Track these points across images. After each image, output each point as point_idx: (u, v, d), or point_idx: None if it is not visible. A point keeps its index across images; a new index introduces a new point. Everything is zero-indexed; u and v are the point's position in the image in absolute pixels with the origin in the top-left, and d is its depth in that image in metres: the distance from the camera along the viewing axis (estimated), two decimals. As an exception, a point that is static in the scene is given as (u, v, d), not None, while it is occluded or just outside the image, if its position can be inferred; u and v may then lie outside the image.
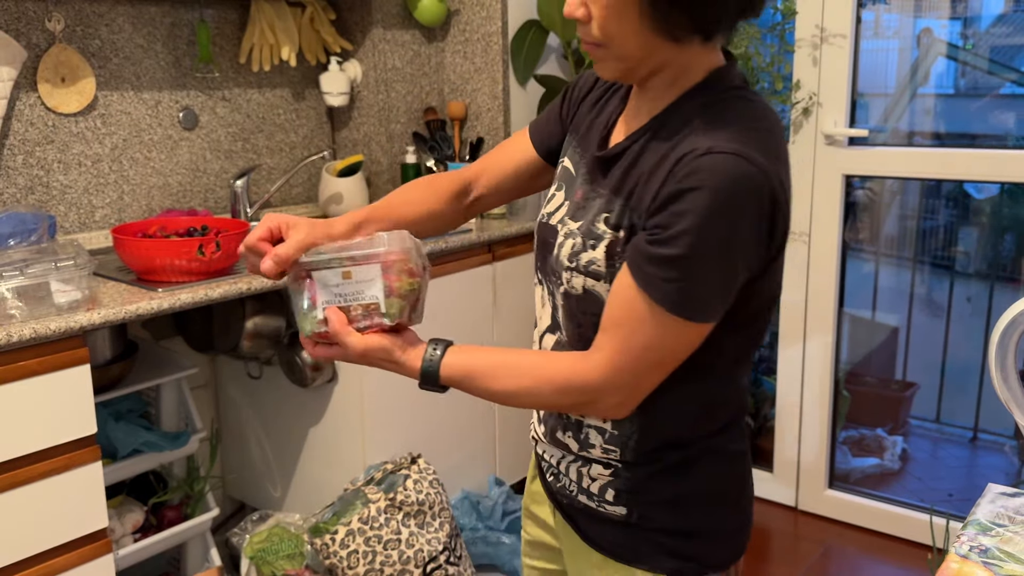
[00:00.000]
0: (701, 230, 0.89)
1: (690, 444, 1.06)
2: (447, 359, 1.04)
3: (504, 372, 1.03)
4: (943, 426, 3.30)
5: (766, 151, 0.92)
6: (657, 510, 1.07)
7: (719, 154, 0.90)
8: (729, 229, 0.90)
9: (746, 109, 0.97)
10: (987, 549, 1.08)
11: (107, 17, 2.29)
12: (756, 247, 0.94)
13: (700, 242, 0.90)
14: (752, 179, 0.90)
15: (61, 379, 1.68)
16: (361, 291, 1.03)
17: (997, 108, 2.92)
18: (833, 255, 2.74)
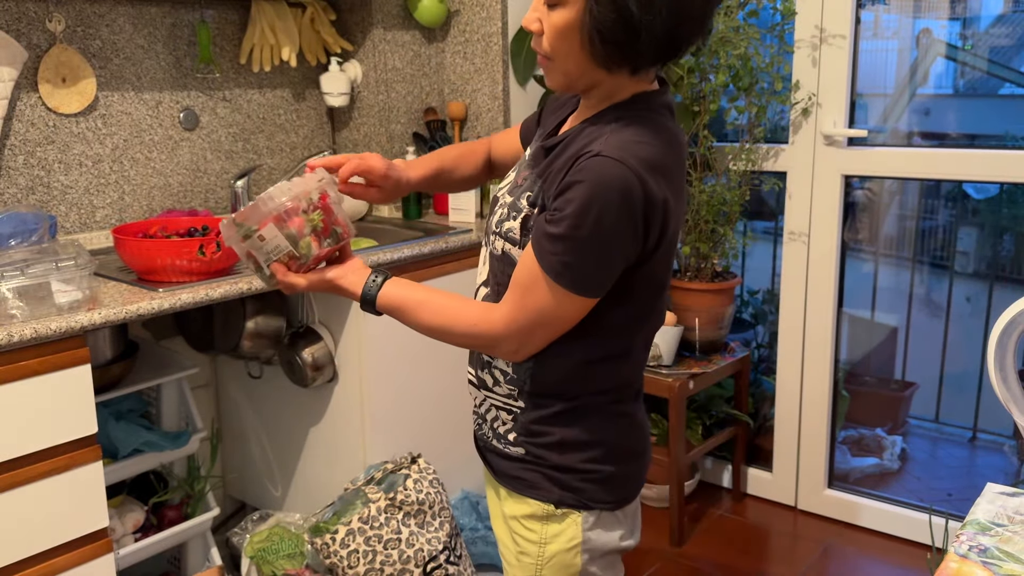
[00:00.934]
0: (578, 217, 1.09)
1: (575, 398, 1.24)
2: (385, 288, 1.25)
3: (427, 309, 1.24)
4: (942, 426, 3.30)
5: (646, 162, 1.10)
6: (546, 450, 1.26)
7: (604, 157, 1.09)
8: (600, 220, 1.08)
9: (647, 127, 1.14)
10: (986, 549, 1.08)
11: (108, 18, 2.30)
12: (631, 240, 1.12)
13: (577, 227, 1.09)
14: (624, 181, 1.08)
15: (62, 379, 1.69)
16: (278, 246, 1.22)
17: (996, 108, 2.93)
18: (832, 255, 2.75)
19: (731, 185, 2.73)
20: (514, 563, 1.31)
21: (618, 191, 1.08)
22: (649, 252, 1.15)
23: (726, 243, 2.77)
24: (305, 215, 1.22)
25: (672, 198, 1.13)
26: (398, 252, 2.27)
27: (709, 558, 2.65)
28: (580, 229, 1.09)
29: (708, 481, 3.12)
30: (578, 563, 1.26)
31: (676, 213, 1.16)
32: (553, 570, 1.27)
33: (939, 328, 3.21)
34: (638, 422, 1.30)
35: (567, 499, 1.25)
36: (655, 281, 1.20)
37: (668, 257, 1.20)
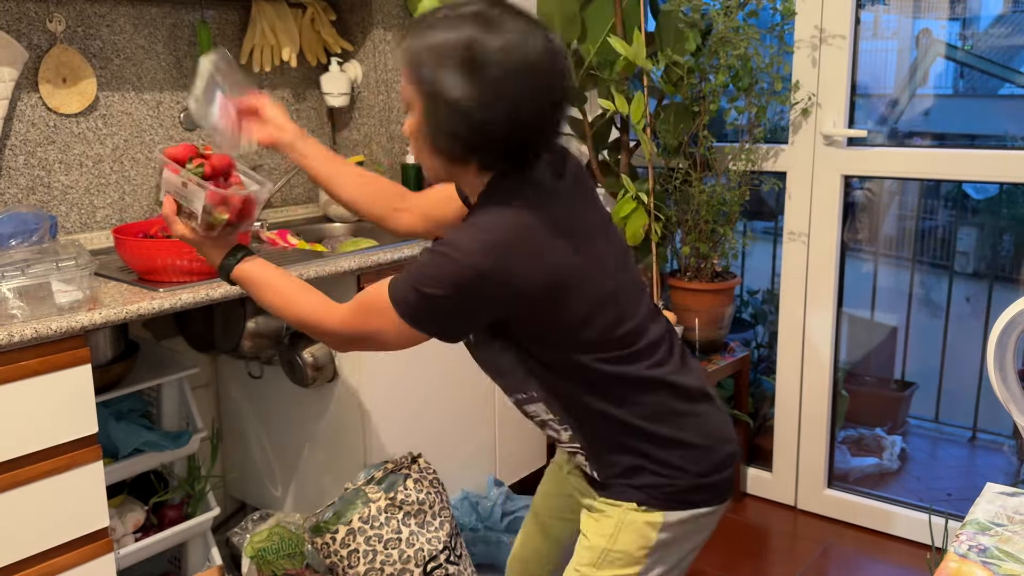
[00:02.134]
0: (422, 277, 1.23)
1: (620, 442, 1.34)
2: (242, 264, 1.39)
3: (271, 290, 1.37)
4: (942, 426, 3.31)
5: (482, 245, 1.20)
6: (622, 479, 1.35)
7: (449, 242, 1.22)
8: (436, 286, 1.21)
9: (487, 217, 1.24)
10: (986, 548, 1.08)
11: (108, 18, 2.30)
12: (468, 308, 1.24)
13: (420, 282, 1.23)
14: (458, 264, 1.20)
15: (62, 379, 1.69)
16: (189, 200, 1.39)
17: (996, 108, 2.93)
18: (832, 255, 2.75)
19: (731, 185, 2.73)
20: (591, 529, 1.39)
21: (450, 270, 1.21)
22: (515, 307, 1.25)
23: (726, 243, 2.77)
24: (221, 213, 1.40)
25: (522, 267, 1.22)
26: (398, 252, 2.28)
27: (709, 558, 2.65)
28: (421, 285, 1.22)
29: (708, 481, 3.12)
30: (653, 537, 1.34)
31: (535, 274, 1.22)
32: (630, 536, 1.35)
33: (939, 328, 3.21)
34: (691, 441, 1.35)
35: (654, 505, 1.34)
36: (569, 321, 1.27)
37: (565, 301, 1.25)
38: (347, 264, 2.15)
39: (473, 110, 1.18)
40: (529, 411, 1.43)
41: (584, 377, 1.30)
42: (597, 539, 1.37)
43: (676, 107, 2.70)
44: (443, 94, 1.18)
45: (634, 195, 2.64)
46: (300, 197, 2.82)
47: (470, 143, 1.22)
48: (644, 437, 1.32)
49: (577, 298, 1.26)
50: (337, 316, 1.32)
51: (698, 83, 2.67)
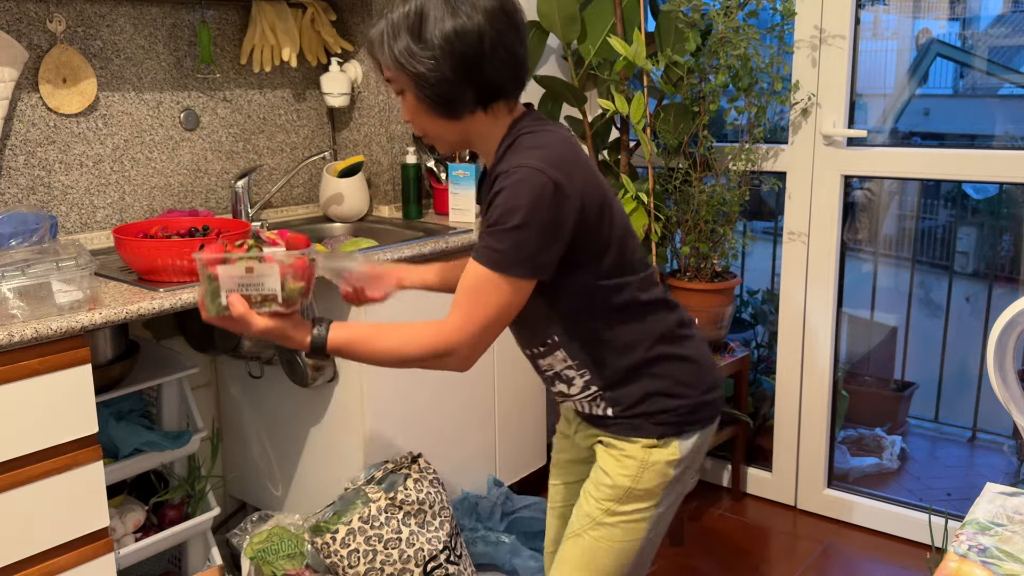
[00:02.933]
0: (504, 214, 1.27)
1: (636, 368, 1.43)
2: (331, 333, 1.34)
3: (378, 338, 1.34)
4: (942, 426, 3.31)
5: (547, 160, 1.29)
6: (639, 407, 1.44)
7: (514, 168, 1.29)
8: (524, 212, 1.27)
9: (532, 140, 1.34)
10: (986, 548, 1.09)
11: (108, 18, 2.30)
12: (559, 224, 1.29)
13: (504, 221, 1.27)
14: (534, 178, 1.27)
15: (62, 379, 1.69)
16: (262, 283, 1.31)
17: (995, 108, 2.93)
18: (832, 255, 2.75)
19: (731, 185, 2.73)
20: (613, 469, 1.46)
21: (530, 187, 1.27)
22: (580, 225, 1.32)
23: (726, 243, 2.77)
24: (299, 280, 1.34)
25: (580, 180, 1.32)
26: (398, 252, 2.28)
27: (708, 557, 2.66)
28: (506, 223, 1.27)
29: (708, 481, 3.12)
30: (671, 473, 1.45)
31: (591, 188, 1.34)
32: (652, 475, 1.44)
33: (938, 328, 3.21)
34: (697, 359, 1.47)
35: (668, 432, 1.44)
36: (606, 241, 1.37)
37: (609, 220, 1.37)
38: (347, 264, 2.15)
39: (451, 54, 1.29)
40: (543, 364, 1.50)
41: (605, 306, 1.40)
42: (621, 479, 1.45)
43: (676, 107, 2.71)
44: (421, 55, 1.30)
45: (634, 195, 2.64)
46: (300, 197, 2.83)
47: (464, 86, 1.32)
48: (657, 359, 1.43)
49: (614, 216, 1.38)
50: (451, 327, 1.31)
51: (698, 83, 2.67)
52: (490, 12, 1.31)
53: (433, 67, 1.30)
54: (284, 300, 1.31)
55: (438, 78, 1.31)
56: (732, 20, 2.55)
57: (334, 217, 2.73)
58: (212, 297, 1.30)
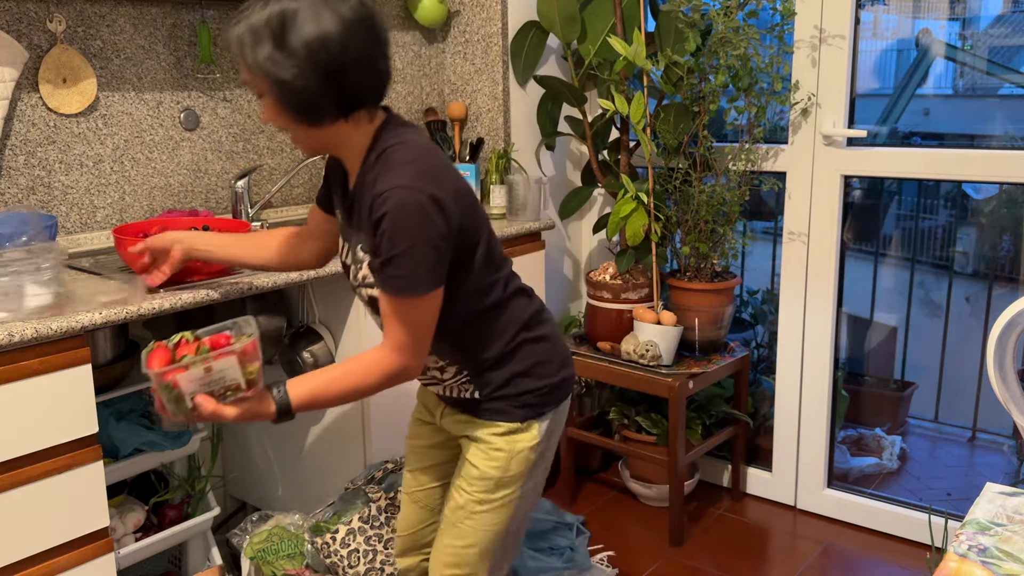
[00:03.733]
0: (393, 242, 1.33)
1: (501, 355, 1.52)
2: (291, 393, 1.40)
3: (334, 382, 1.40)
4: (941, 425, 3.31)
5: (418, 176, 1.35)
6: (504, 389, 1.54)
7: (388, 191, 1.33)
8: (411, 234, 1.33)
9: (400, 153, 1.38)
10: (986, 548, 1.09)
11: (108, 18, 2.30)
12: (443, 236, 1.36)
13: (395, 246, 1.33)
14: (412, 198, 1.33)
15: (62, 379, 1.69)
16: (223, 377, 1.34)
17: (995, 108, 2.93)
18: (832, 255, 2.75)
19: (731, 185, 2.73)
20: (481, 463, 1.55)
21: (411, 207, 1.32)
22: (460, 229, 1.40)
23: (725, 243, 2.77)
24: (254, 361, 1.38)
25: (452, 186, 1.39)
26: (398, 252, 2.28)
27: (708, 557, 2.66)
28: (398, 247, 1.33)
29: (707, 481, 3.12)
30: (533, 457, 1.57)
31: (462, 190, 1.42)
32: (518, 462, 1.55)
33: (938, 328, 3.21)
34: (553, 337, 1.59)
35: (529, 414, 1.55)
36: (477, 239, 1.46)
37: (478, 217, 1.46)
38: (347, 264, 2.15)
39: (314, 62, 1.30)
40: None
41: (476, 304, 1.49)
42: (490, 471, 1.55)
43: (676, 107, 2.71)
44: (284, 62, 1.30)
45: (634, 195, 2.64)
46: (300, 197, 2.83)
47: (326, 95, 1.33)
48: (522, 344, 1.53)
49: (479, 213, 1.47)
50: (391, 350, 1.40)
51: (698, 83, 2.67)
52: (353, 22, 1.32)
53: (295, 75, 1.31)
54: (247, 384, 1.36)
55: (300, 86, 1.31)
56: (732, 20, 2.55)
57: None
58: (176, 403, 1.33)
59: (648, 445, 2.81)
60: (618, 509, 2.95)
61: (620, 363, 2.73)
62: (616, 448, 2.85)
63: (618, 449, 2.85)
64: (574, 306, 3.32)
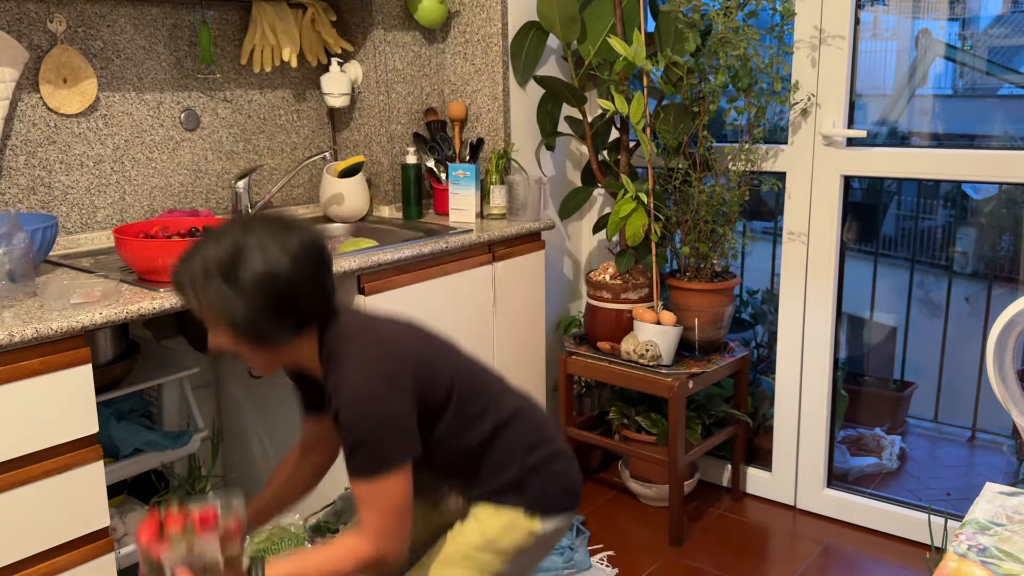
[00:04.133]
0: (354, 431, 1.37)
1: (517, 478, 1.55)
2: (269, 572, 1.41)
3: (313, 568, 1.41)
4: (941, 425, 3.31)
5: (364, 363, 1.40)
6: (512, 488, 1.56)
7: (339, 384, 1.39)
8: (368, 420, 1.37)
9: (346, 345, 1.42)
10: (985, 548, 1.09)
11: (109, 18, 2.30)
12: (403, 410, 1.40)
13: (358, 436, 1.37)
14: (362, 387, 1.38)
15: (63, 379, 1.69)
16: (203, 555, 1.39)
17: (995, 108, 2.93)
18: (831, 255, 2.75)
19: (730, 185, 2.73)
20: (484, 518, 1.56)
21: (362, 394, 1.37)
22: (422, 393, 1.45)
23: (725, 243, 2.77)
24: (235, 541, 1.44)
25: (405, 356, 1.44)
26: (399, 252, 2.28)
27: (708, 557, 2.66)
28: (358, 434, 1.37)
29: (707, 480, 3.12)
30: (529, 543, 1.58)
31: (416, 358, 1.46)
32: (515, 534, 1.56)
33: (938, 328, 3.21)
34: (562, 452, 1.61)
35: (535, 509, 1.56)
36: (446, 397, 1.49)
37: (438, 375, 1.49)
38: (348, 264, 2.16)
39: (263, 295, 1.35)
40: None
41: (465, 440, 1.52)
42: (490, 528, 1.55)
43: (676, 107, 2.71)
44: (235, 299, 1.35)
45: (634, 195, 2.64)
46: (300, 197, 2.83)
47: (277, 322, 1.38)
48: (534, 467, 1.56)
49: (444, 368, 1.49)
50: (370, 536, 1.41)
51: (698, 83, 2.67)
52: (300, 255, 1.37)
53: (246, 309, 1.35)
54: (224, 565, 1.41)
55: (251, 317, 1.36)
56: (732, 20, 2.55)
57: (334, 217, 2.73)
58: (156, 573, 1.40)
59: (648, 445, 2.81)
60: (618, 509, 2.96)
61: (620, 363, 2.73)
62: (616, 448, 2.85)
63: (618, 449, 2.85)
64: (574, 306, 3.32)
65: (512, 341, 2.70)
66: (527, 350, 2.77)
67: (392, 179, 2.84)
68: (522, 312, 2.73)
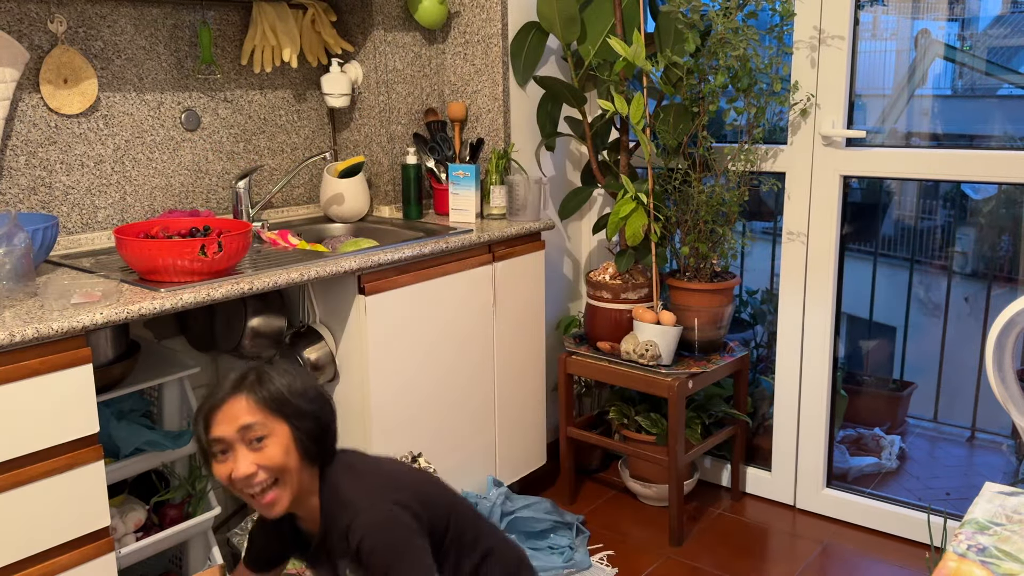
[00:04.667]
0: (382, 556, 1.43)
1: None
2: None
3: None
4: (941, 425, 3.31)
5: (373, 492, 1.50)
6: None
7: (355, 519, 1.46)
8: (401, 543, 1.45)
9: (350, 479, 1.52)
10: (985, 548, 1.09)
11: (109, 19, 2.30)
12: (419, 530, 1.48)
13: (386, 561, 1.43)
14: (380, 514, 1.46)
15: (63, 379, 1.69)
16: None
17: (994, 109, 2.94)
18: (831, 255, 2.76)
19: (730, 185, 2.74)
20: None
21: (382, 521, 1.45)
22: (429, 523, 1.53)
23: (725, 243, 2.77)
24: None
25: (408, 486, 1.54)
26: (399, 252, 2.28)
27: (708, 557, 2.66)
28: (389, 560, 1.42)
29: (707, 480, 3.13)
30: None
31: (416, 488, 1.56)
32: None
33: (937, 328, 3.22)
34: None
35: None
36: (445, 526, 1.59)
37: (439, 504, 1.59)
38: (348, 264, 2.16)
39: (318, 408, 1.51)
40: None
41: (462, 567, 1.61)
42: None
43: (675, 108, 2.71)
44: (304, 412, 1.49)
45: (634, 195, 2.64)
46: (301, 197, 2.83)
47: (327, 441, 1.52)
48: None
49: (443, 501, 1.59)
50: None
51: (697, 84, 2.67)
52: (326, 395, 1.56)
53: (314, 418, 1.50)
54: None
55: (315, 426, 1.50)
56: (731, 21, 2.55)
57: (335, 217, 2.73)
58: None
59: (648, 445, 2.81)
60: (618, 509, 2.96)
61: (620, 363, 2.73)
62: (616, 448, 2.85)
63: (618, 449, 2.86)
64: (574, 306, 3.33)
65: (512, 341, 2.70)
66: (527, 350, 2.77)
67: (392, 179, 2.84)
68: (522, 312, 2.73)
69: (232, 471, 1.45)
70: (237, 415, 1.45)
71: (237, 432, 1.45)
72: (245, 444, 1.45)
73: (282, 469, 1.47)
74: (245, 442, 1.45)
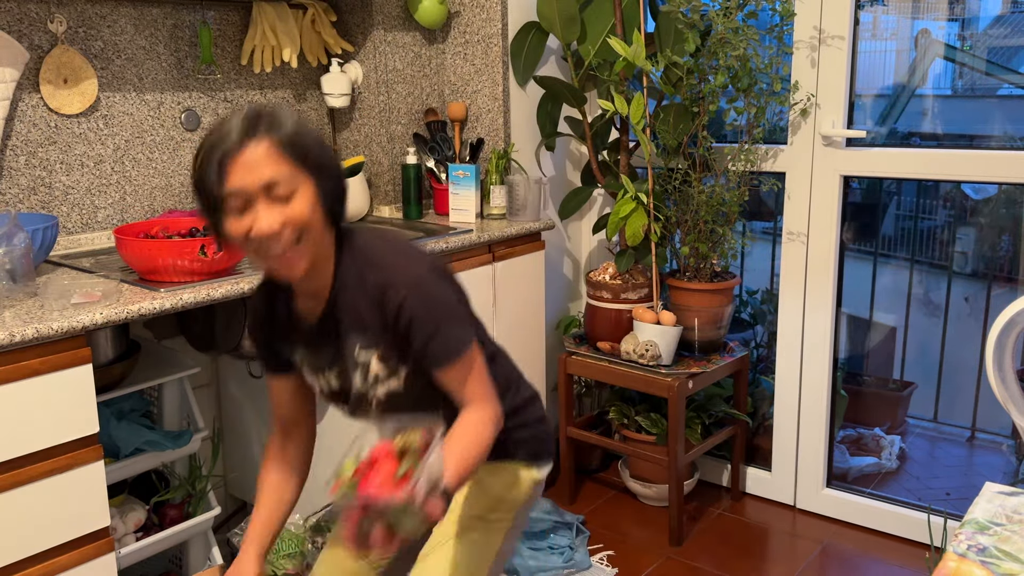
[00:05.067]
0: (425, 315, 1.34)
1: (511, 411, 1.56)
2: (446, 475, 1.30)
3: (464, 452, 1.34)
4: (941, 425, 3.31)
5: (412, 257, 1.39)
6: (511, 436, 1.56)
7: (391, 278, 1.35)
8: (437, 300, 1.36)
9: (379, 242, 1.41)
10: (985, 548, 1.09)
11: (109, 19, 2.30)
12: (458, 290, 1.42)
13: (431, 319, 1.34)
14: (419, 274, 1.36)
15: (63, 379, 1.69)
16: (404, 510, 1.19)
17: (994, 109, 2.94)
18: (831, 255, 2.76)
19: (730, 185, 2.74)
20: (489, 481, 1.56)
21: (423, 279, 1.35)
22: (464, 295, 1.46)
23: (725, 243, 2.77)
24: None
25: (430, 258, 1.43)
26: (399, 252, 2.28)
27: (708, 557, 2.66)
28: (434, 318, 1.34)
29: (707, 480, 3.13)
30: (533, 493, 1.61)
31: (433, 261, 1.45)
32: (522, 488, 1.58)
33: (937, 328, 3.22)
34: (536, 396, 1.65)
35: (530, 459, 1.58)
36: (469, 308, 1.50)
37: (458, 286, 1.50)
38: (348, 264, 2.16)
39: (340, 174, 1.37)
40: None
41: None
42: (497, 488, 1.55)
43: (675, 108, 2.71)
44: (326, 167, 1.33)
45: (634, 195, 2.64)
46: (300, 197, 2.83)
47: (345, 202, 1.39)
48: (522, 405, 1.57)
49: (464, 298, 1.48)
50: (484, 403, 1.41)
51: (697, 84, 2.67)
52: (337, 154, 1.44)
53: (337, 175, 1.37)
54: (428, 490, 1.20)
55: (339, 184, 1.37)
56: (731, 21, 2.55)
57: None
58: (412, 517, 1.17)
59: (648, 445, 2.81)
60: (618, 509, 2.96)
61: (620, 363, 2.73)
62: (616, 448, 2.85)
63: (618, 449, 2.86)
64: (574, 306, 3.33)
65: (512, 341, 2.70)
66: (527, 350, 2.77)
67: (392, 179, 2.84)
68: (522, 312, 2.73)
69: (252, 227, 1.27)
70: (259, 163, 1.25)
71: (261, 185, 1.25)
72: (268, 197, 1.26)
73: (308, 226, 1.30)
74: (269, 195, 1.26)
